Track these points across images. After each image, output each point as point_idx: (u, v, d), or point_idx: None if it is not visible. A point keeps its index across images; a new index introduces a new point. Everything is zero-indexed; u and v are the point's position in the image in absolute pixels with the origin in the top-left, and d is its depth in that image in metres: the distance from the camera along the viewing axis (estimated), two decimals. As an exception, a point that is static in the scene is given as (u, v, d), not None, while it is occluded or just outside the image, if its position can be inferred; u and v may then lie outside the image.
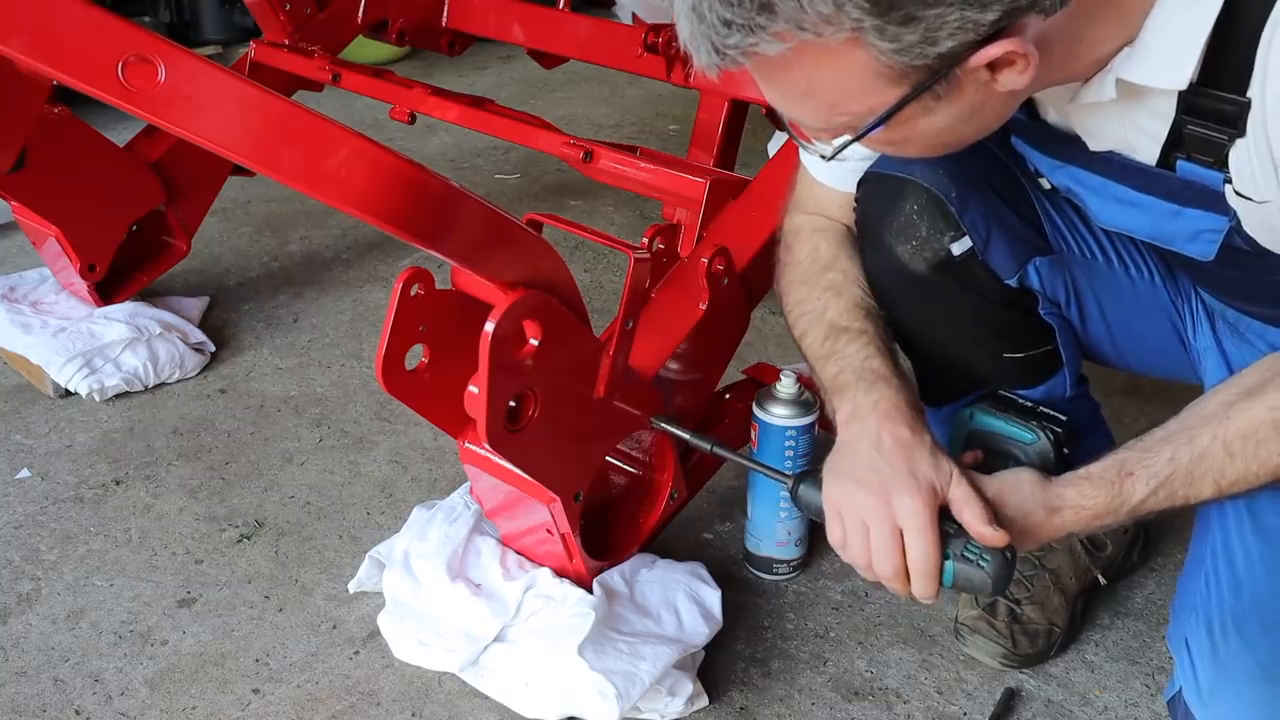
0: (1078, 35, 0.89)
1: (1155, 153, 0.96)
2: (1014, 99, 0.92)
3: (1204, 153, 0.92)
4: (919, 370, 1.30)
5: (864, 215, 1.22)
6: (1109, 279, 1.24)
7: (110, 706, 1.31)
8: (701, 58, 0.85)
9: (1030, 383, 1.27)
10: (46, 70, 0.84)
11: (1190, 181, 0.95)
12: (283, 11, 2.09)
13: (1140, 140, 0.96)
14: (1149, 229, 1.03)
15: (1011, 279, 1.18)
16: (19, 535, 1.57)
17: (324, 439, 1.80)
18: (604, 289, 2.29)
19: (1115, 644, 1.44)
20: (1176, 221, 0.99)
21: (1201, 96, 0.88)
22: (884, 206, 1.19)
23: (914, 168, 1.16)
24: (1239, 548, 1.11)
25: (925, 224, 1.16)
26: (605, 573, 1.35)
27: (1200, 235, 0.99)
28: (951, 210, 1.15)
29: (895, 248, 1.18)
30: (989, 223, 1.16)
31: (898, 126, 0.89)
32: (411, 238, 0.96)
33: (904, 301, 1.22)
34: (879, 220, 1.20)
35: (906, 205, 1.17)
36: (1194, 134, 0.91)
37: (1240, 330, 1.18)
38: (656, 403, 1.31)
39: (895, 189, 1.18)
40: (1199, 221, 0.98)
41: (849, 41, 0.80)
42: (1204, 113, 0.89)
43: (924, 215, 1.16)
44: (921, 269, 1.18)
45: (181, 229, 2.05)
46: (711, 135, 1.95)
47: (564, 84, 3.46)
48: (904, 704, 1.34)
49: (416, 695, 1.32)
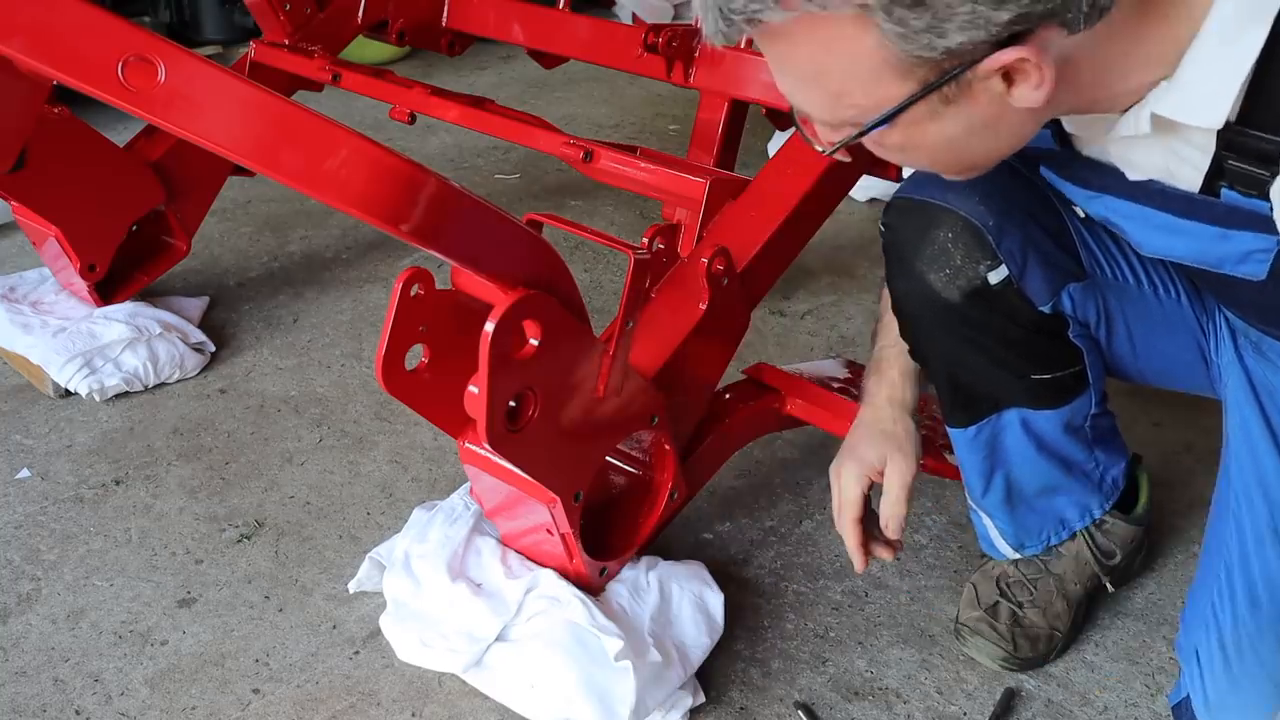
0: (1107, 63, 0.87)
1: (1198, 180, 0.94)
2: (1031, 120, 0.90)
3: (1247, 186, 0.90)
4: (944, 392, 1.30)
5: (893, 241, 1.21)
6: (1138, 301, 1.24)
7: (110, 706, 1.31)
8: (709, 25, 0.84)
9: (1056, 403, 1.27)
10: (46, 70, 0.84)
11: (1236, 207, 0.93)
12: (283, 11, 2.09)
13: (1183, 169, 0.94)
14: (1195, 254, 1.01)
15: (1046, 306, 1.18)
16: (19, 535, 1.57)
17: (324, 439, 1.80)
18: (604, 289, 2.29)
19: (1115, 644, 1.44)
20: (1224, 244, 0.97)
21: (1241, 135, 0.87)
22: (915, 233, 1.18)
23: (948, 194, 1.15)
24: (1258, 563, 1.12)
25: (960, 252, 1.15)
26: (609, 585, 1.36)
27: (1250, 256, 0.97)
28: (989, 238, 1.14)
29: (928, 275, 1.17)
30: (1025, 250, 1.15)
31: (905, 128, 0.87)
32: (411, 238, 0.95)
33: (933, 328, 1.22)
34: (910, 247, 1.18)
35: (940, 233, 1.16)
36: (1235, 169, 0.90)
37: (1262, 349, 1.18)
38: (657, 403, 1.31)
39: (928, 215, 1.17)
40: (1248, 243, 0.96)
41: (856, 21, 0.78)
42: (1244, 150, 0.88)
43: (959, 243, 1.15)
44: (955, 297, 1.17)
45: (181, 229, 2.05)
46: (711, 135, 1.95)
47: (564, 84, 3.46)
48: (904, 704, 1.34)
49: (416, 695, 1.32)
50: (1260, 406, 1.17)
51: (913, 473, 1.23)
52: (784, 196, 1.48)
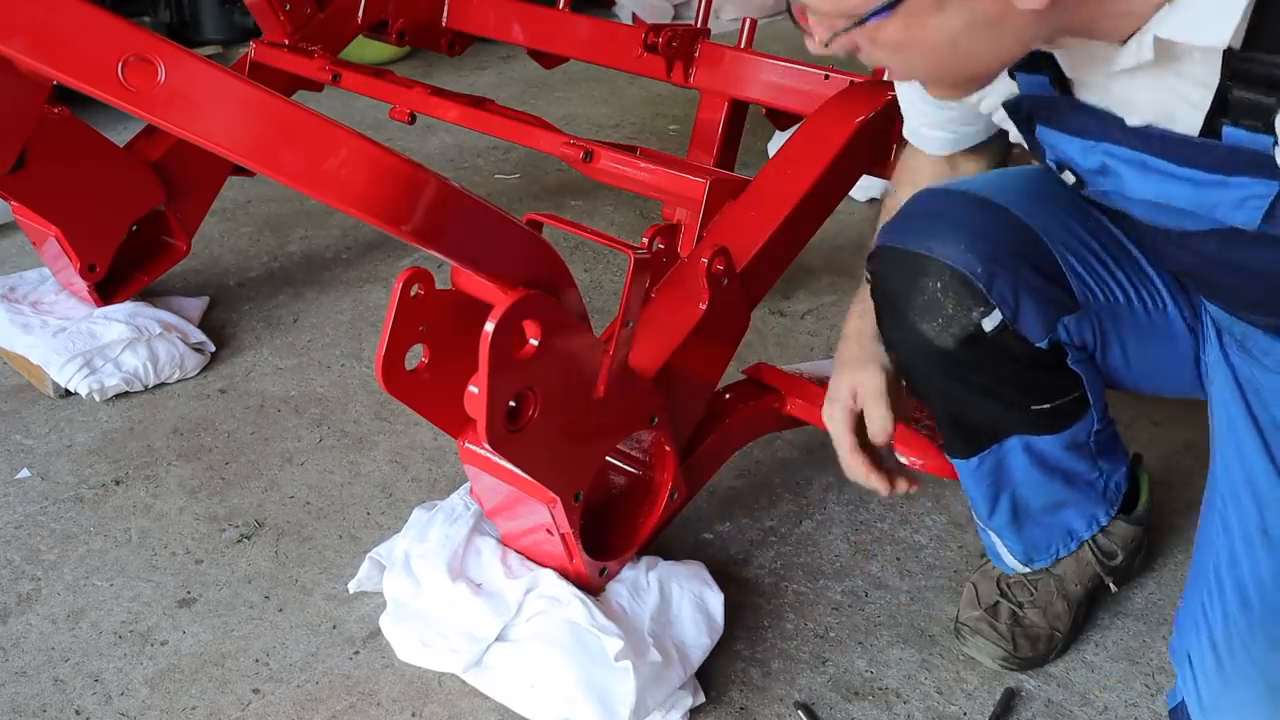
0: None
1: (1198, 122, 0.93)
2: (1033, 25, 0.88)
3: (1252, 117, 0.89)
4: (943, 426, 1.30)
5: (884, 291, 1.21)
6: (1130, 318, 1.24)
7: (110, 706, 1.31)
8: None
9: (1058, 429, 1.27)
10: (46, 70, 0.84)
11: (1237, 148, 0.92)
12: (283, 11, 2.09)
13: (1181, 109, 0.94)
14: (1190, 199, 1.00)
15: (1043, 342, 1.17)
16: (19, 535, 1.57)
17: (324, 439, 1.80)
18: (604, 289, 2.29)
19: (1115, 644, 1.44)
20: (1221, 191, 0.97)
21: (1247, 61, 0.86)
22: (904, 283, 1.17)
23: (931, 242, 1.14)
24: (1247, 563, 1.11)
25: (951, 301, 1.14)
26: (609, 585, 1.36)
27: (1246, 202, 0.96)
28: (979, 286, 1.13)
29: (920, 325, 1.17)
30: (1018, 292, 1.14)
31: (906, 19, 0.85)
32: (411, 238, 0.95)
33: (929, 373, 1.22)
34: (900, 297, 1.18)
35: (929, 283, 1.15)
36: (1241, 99, 0.89)
37: (1247, 346, 1.18)
38: (656, 403, 1.31)
39: (915, 265, 1.16)
40: (1245, 188, 0.95)
41: None
42: (1251, 78, 0.87)
43: (949, 292, 1.14)
44: (949, 345, 1.16)
45: (181, 229, 2.05)
46: (711, 135, 1.95)
47: (564, 84, 3.46)
48: (904, 704, 1.34)
49: (416, 695, 1.32)
50: (1246, 404, 1.17)
51: (882, 381, 1.26)
52: (784, 196, 1.48)
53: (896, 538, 1.62)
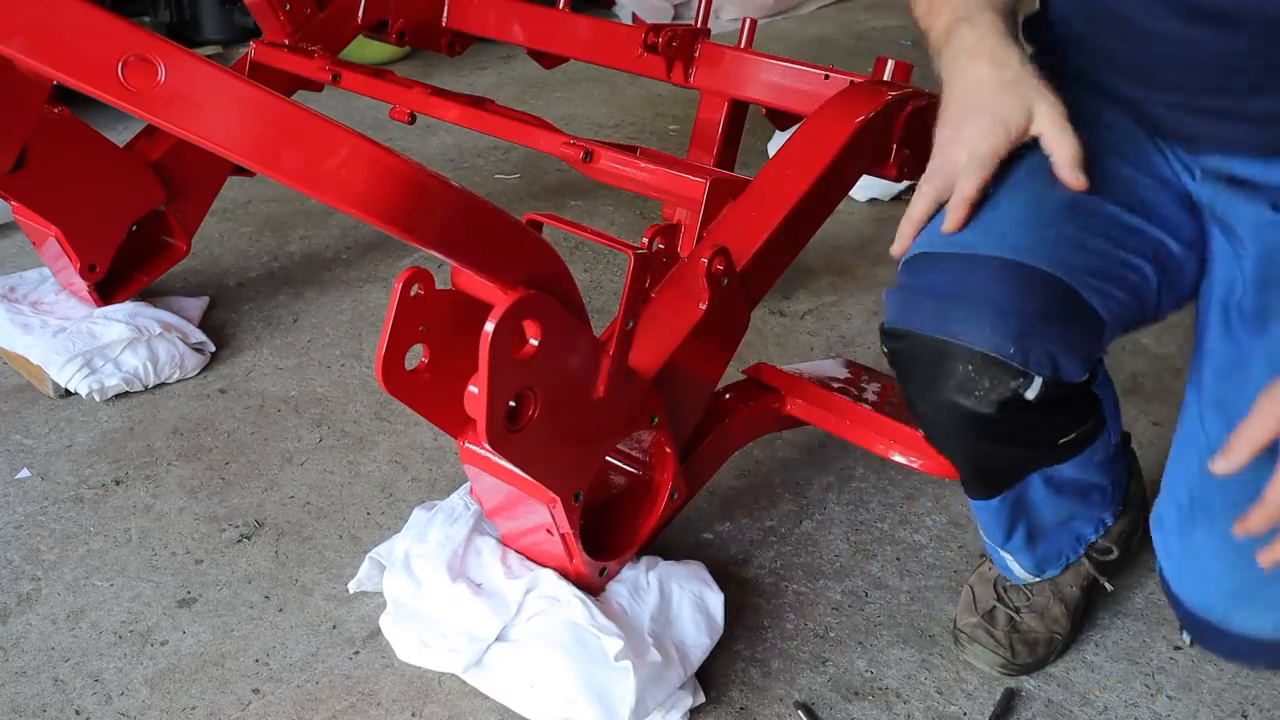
0: None
1: None
2: None
3: None
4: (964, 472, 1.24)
5: (910, 374, 1.13)
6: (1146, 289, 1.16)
7: (110, 706, 1.31)
8: None
9: (1078, 453, 1.25)
10: (46, 70, 0.83)
11: None
12: (283, 11, 2.09)
13: None
14: None
15: (1083, 378, 1.10)
16: (19, 535, 1.57)
17: (324, 439, 1.80)
18: (604, 289, 2.29)
19: (1115, 644, 1.45)
20: None
21: None
22: (931, 367, 1.08)
23: (953, 326, 1.06)
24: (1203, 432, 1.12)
25: (987, 378, 1.06)
26: (609, 585, 1.36)
27: None
28: (1014, 365, 1.04)
29: (957, 398, 1.08)
30: (1054, 356, 1.05)
31: None
32: (411, 238, 0.95)
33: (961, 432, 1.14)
34: (930, 379, 1.09)
35: (959, 366, 1.06)
36: None
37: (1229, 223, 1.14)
38: (656, 403, 1.31)
39: (940, 351, 1.07)
40: None
41: None
42: None
43: (983, 374, 1.05)
44: (989, 410, 1.07)
45: (181, 229, 2.05)
46: (711, 135, 1.95)
47: (564, 84, 3.46)
48: (904, 704, 1.34)
49: (416, 695, 1.32)
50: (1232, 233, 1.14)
51: (1066, 108, 1.07)
52: (784, 196, 1.48)
53: (896, 538, 1.62)
